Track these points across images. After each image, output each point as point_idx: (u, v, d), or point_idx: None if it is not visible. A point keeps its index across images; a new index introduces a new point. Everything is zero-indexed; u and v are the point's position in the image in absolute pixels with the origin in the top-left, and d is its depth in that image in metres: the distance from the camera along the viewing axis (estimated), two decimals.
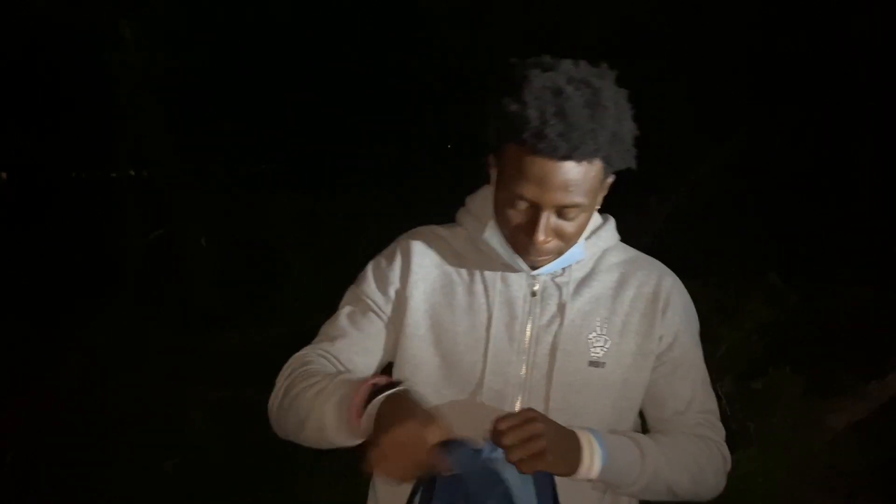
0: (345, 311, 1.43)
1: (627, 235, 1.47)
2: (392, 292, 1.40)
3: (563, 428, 1.20)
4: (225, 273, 6.08)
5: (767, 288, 4.44)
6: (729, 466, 1.42)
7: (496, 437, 1.13)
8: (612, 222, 1.45)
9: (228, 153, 6.96)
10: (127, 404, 4.27)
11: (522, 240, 1.28)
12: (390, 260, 1.43)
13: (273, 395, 1.38)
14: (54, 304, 5.66)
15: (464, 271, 1.39)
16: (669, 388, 1.39)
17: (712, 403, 1.45)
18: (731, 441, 3.35)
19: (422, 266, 1.40)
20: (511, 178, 1.23)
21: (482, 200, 1.40)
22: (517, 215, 1.26)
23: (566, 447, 1.19)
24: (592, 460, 1.21)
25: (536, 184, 1.20)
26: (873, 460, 3.40)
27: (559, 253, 1.31)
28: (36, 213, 7.70)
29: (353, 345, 1.39)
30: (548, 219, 1.24)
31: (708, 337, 3.79)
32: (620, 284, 1.38)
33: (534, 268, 1.35)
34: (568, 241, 1.29)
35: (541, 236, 1.24)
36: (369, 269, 1.45)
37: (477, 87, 7.70)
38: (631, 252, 1.46)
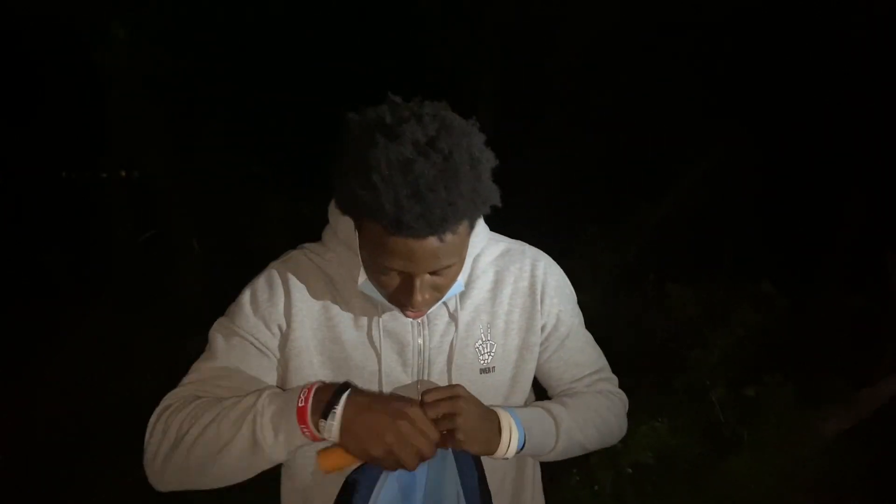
0: (221, 348, 1.30)
1: (619, 242, 1.46)
2: (276, 329, 1.32)
3: (486, 410, 1.26)
4: (216, 275, 6.05)
5: (759, 295, 4.45)
6: (627, 405, 1.53)
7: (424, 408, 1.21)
8: (480, 220, 1.38)
9: (220, 155, 6.93)
10: (115, 407, 4.24)
11: (400, 300, 1.25)
12: (270, 293, 1.33)
13: (153, 445, 1.24)
14: (43, 304, 5.62)
15: (345, 303, 1.33)
16: (562, 362, 1.45)
17: (601, 359, 1.52)
18: (723, 447, 3.36)
19: (304, 300, 1.33)
20: (375, 251, 1.18)
21: (348, 223, 1.31)
22: (389, 281, 1.22)
23: (484, 429, 1.24)
24: (510, 442, 1.27)
25: (403, 258, 1.16)
26: (864, 467, 3.40)
27: (437, 300, 1.29)
28: (26, 213, 7.64)
29: (241, 383, 1.28)
30: (422, 281, 1.21)
31: (700, 343, 3.81)
32: (497, 284, 1.39)
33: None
34: (445, 289, 1.27)
35: (418, 298, 1.22)
36: (246, 304, 1.33)
37: (470, 87, 7.74)
38: (502, 244, 1.43)
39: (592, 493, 3.05)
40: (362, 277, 1.30)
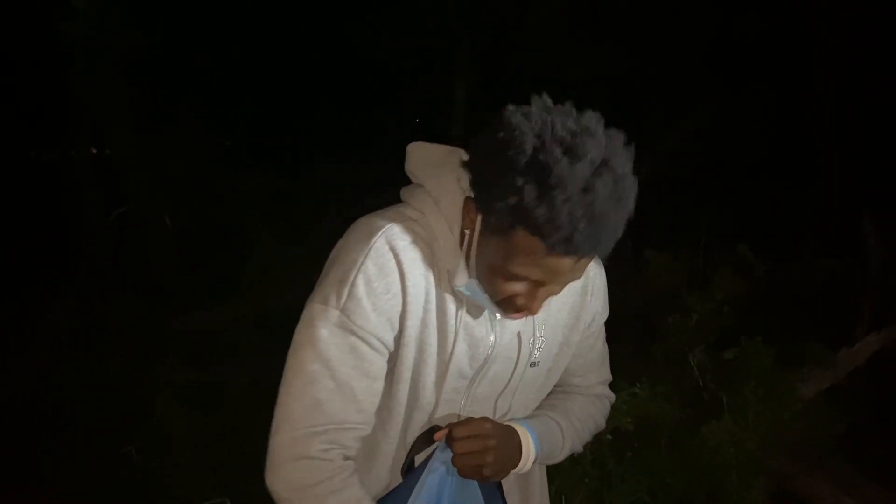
0: (335, 356, 1.21)
1: None
2: (396, 322, 1.24)
3: (509, 433, 1.32)
4: (189, 252, 5.97)
5: (737, 260, 4.45)
6: (613, 401, 1.60)
7: (449, 441, 1.25)
8: None
9: (192, 130, 6.81)
10: (89, 387, 4.19)
11: (511, 306, 1.21)
12: (385, 281, 1.22)
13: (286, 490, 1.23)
14: (14, 284, 5.52)
15: (436, 282, 1.26)
16: (582, 360, 1.48)
17: (607, 359, 1.56)
18: (703, 411, 3.36)
19: (415, 285, 1.24)
20: (516, 258, 1.13)
21: (453, 196, 1.24)
22: (511, 287, 1.18)
23: (509, 459, 1.31)
24: (528, 460, 1.34)
25: (548, 272, 1.13)
26: (842, 428, 3.43)
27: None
28: None
29: (367, 397, 1.25)
30: (545, 291, 1.19)
31: (679, 308, 3.80)
32: None
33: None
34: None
35: (537, 308, 1.20)
36: (362, 297, 1.20)
37: (446, 64, 7.66)
38: None
39: (572, 461, 3.03)
40: (462, 278, 1.23)
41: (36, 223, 6.70)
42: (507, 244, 1.12)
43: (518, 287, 1.17)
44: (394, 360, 1.27)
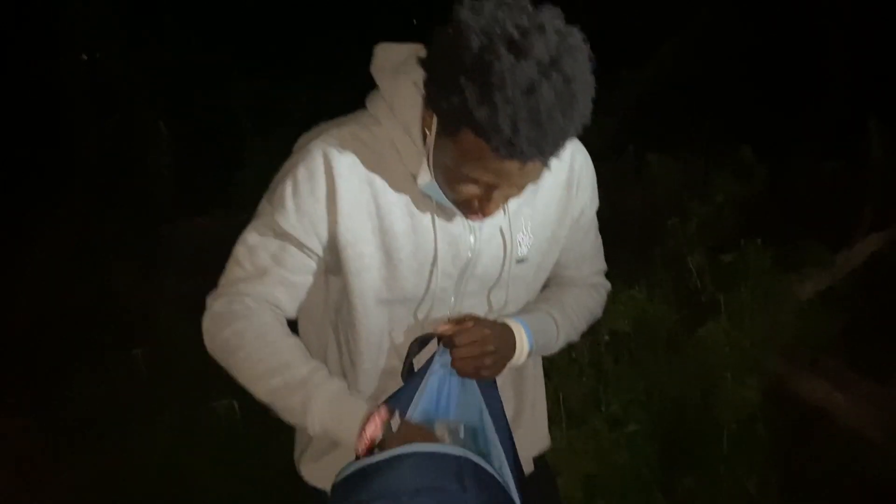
0: (257, 243, 1.30)
1: (598, 111, 1.34)
2: (323, 230, 1.27)
3: (504, 331, 1.34)
4: (185, 159, 5.91)
5: (737, 162, 4.43)
6: (609, 289, 1.63)
7: (448, 341, 1.28)
8: None
9: (186, 37, 6.65)
10: (91, 296, 4.21)
11: (469, 209, 1.22)
12: (311, 184, 1.24)
13: (207, 343, 1.34)
14: (10, 197, 5.48)
15: (395, 189, 1.27)
16: (574, 254, 1.50)
17: (601, 250, 1.58)
18: (700, 313, 3.40)
19: (350, 190, 1.25)
20: (464, 161, 1.12)
21: (407, 100, 1.23)
22: (466, 190, 1.18)
23: (505, 357, 1.34)
24: (522, 353, 1.37)
25: (497, 175, 1.12)
26: (837, 328, 3.47)
27: (501, 206, 1.28)
28: None
29: (276, 283, 1.30)
30: (501, 193, 1.18)
31: (679, 211, 3.80)
32: None
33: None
34: (513, 198, 1.25)
35: (493, 208, 1.21)
36: (287, 198, 1.25)
37: None
38: None
39: (570, 361, 3.09)
40: (425, 178, 1.24)
41: (28, 133, 6.60)
42: (456, 146, 1.11)
43: (472, 189, 1.17)
44: (338, 262, 1.29)
